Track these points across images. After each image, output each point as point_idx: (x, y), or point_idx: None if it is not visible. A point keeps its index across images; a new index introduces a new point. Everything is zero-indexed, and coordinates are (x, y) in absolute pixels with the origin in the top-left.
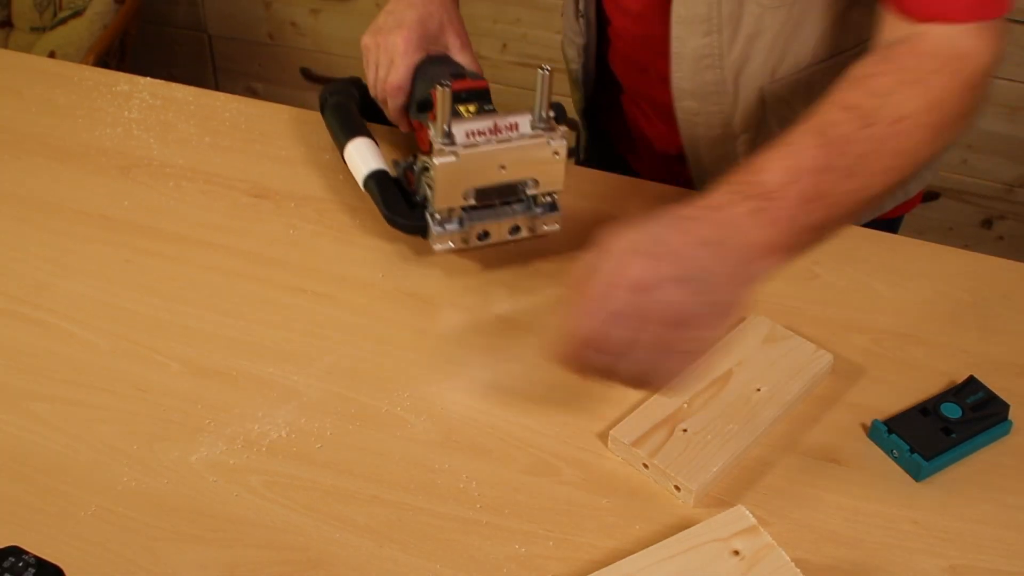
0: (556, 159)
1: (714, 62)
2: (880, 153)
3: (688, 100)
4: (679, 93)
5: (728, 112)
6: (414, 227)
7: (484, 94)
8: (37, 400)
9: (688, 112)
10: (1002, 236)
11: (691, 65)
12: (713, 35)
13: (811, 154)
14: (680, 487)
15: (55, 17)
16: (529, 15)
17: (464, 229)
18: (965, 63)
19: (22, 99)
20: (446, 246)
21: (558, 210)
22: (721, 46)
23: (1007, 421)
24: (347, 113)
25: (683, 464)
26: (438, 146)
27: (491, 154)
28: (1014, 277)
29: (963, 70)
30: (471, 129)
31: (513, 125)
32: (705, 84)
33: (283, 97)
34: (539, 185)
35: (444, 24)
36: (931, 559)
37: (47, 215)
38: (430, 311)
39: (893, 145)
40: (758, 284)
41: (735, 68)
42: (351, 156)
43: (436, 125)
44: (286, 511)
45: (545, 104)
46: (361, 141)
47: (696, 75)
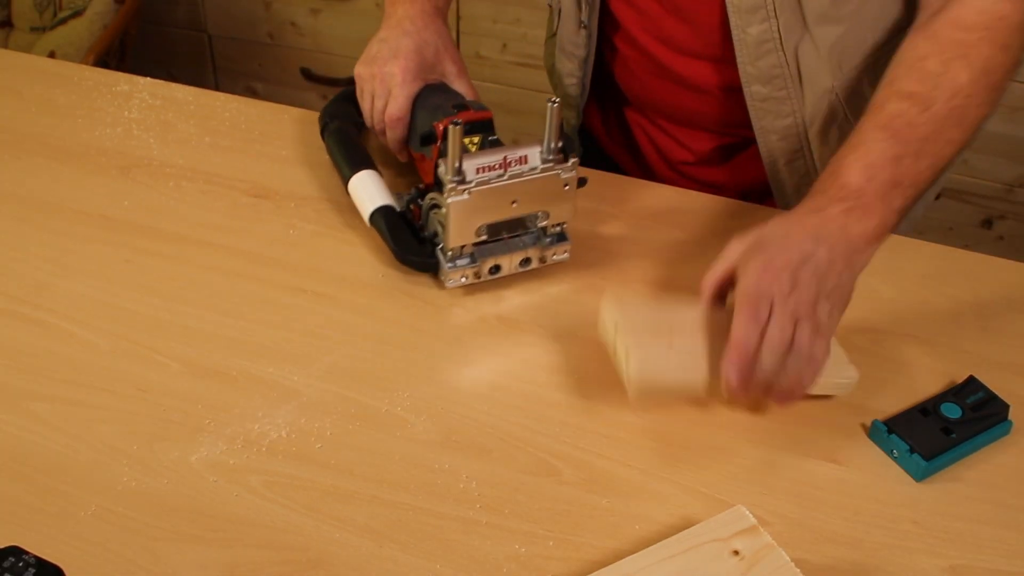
0: (567, 191)
1: (775, 46)
2: (942, 130)
3: (755, 85)
4: (746, 77)
5: (796, 98)
6: (425, 264)
7: (488, 125)
8: (37, 400)
9: (757, 98)
10: (1002, 236)
11: (753, 50)
12: (771, 20)
13: (881, 148)
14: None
15: (55, 17)
16: (529, 15)
17: (476, 264)
18: (1000, 26)
19: (22, 99)
20: (459, 283)
21: (568, 240)
22: (780, 30)
23: (1007, 421)
24: (349, 142)
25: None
26: (450, 185)
27: (503, 190)
28: (1014, 277)
29: (999, 34)
30: (481, 165)
31: (523, 158)
32: (769, 68)
33: (283, 97)
34: (550, 217)
35: (440, 51)
36: (931, 559)
37: (47, 215)
38: (430, 311)
39: (953, 120)
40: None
41: (794, 52)
42: (355, 190)
43: (447, 163)
44: (286, 511)
45: (554, 135)
46: (366, 174)
47: (759, 59)
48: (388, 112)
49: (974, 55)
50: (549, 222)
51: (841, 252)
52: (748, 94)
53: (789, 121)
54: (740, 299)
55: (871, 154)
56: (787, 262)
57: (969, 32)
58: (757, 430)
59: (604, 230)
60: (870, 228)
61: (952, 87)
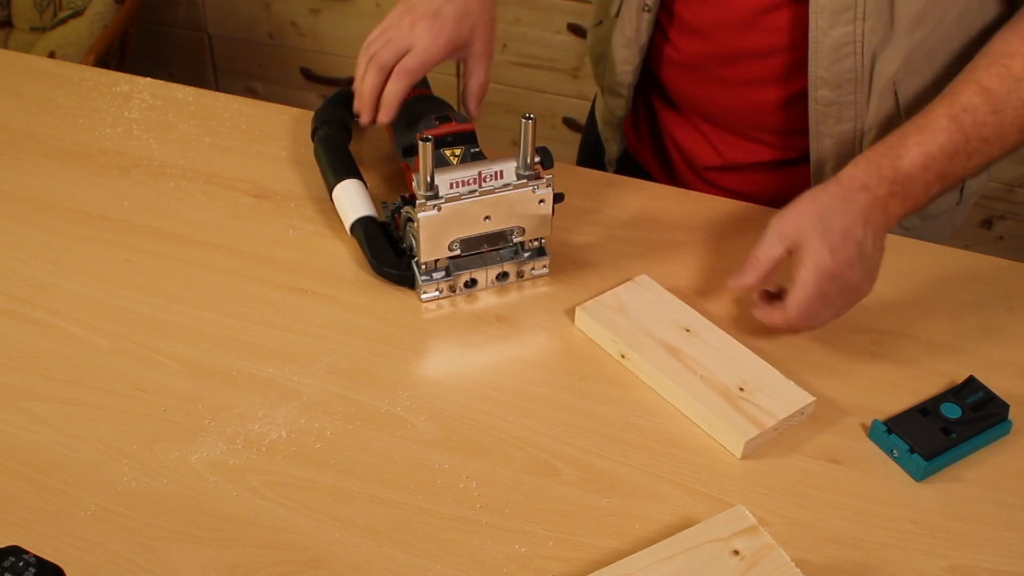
0: (542, 207)
1: (854, 49)
2: (1004, 135)
3: (824, 89)
4: (815, 81)
5: (862, 103)
6: (401, 276)
7: (470, 137)
8: (37, 400)
9: (822, 102)
10: (1002, 236)
11: (829, 55)
12: (857, 23)
13: (943, 140)
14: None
15: (55, 17)
16: (529, 15)
17: (451, 278)
18: None
19: (22, 99)
20: (433, 295)
21: (546, 255)
22: (864, 33)
23: (1007, 421)
24: (336, 149)
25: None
26: (421, 200)
27: (475, 205)
28: (1014, 277)
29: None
30: (455, 179)
31: (498, 173)
32: (843, 72)
33: (283, 97)
34: (526, 232)
35: (476, 29)
36: (931, 559)
37: (47, 215)
38: (430, 311)
39: (1016, 127)
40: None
41: (872, 57)
42: (339, 198)
43: (419, 177)
44: (286, 511)
45: (530, 151)
46: (350, 183)
47: (834, 64)
48: (406, 61)
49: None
50: (525, 237)
51: (880, 234)
52: (813, 98)
53: (848, 127)
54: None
55: (933, 143)
56: (847, 257)
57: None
58: None
59: (606, 231)
60: (904, 212)
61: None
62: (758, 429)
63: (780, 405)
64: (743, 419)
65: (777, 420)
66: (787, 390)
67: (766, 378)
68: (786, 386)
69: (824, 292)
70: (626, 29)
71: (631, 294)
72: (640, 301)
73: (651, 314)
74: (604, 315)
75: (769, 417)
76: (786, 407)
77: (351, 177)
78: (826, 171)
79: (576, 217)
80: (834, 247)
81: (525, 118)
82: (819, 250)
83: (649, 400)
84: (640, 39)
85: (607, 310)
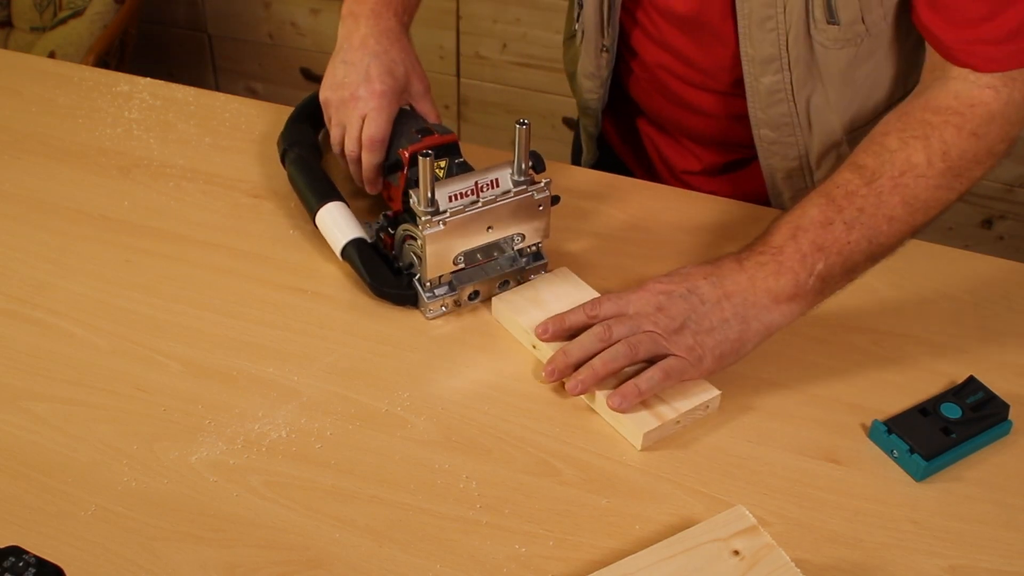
0: (541, 211)
1: (786, 96)
2: (882, 205)
3: (764, 129)
4: (756, 122)
5: (804, 144)
6: (403, 296)
7: (454, 148)
8: (37, 400)
9: (765, 140)
10: (1002, 236)
11: (764, 99)
12: (784, 72)
13: (813, 212)
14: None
15: (55, 17)
16: (529, 15)
17: (455, 292)
18: (971, 113)
19: (22, 99)
20: (439, 312)
21: (544, 258)
22: (791, 82)
23: (1007, 421)
24: (312, 171)
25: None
26: (424, 217)
27: (478, 216)
28: (1014, 277)
29: (969, 121)
30: (453, 192)
31: (494, 182)
32: (779, 116)
33: (283, 97)
34: (526, 238)
35: (408, 71)
36: (931, 559)
37: (47, 215)
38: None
39: (897, 197)
40: (771, 333)
41: (806, 102)
42: (324, 223)
43: (419, 194)
44: (286, 511)
45: (524, 156)
46: (333, 206)
47: (770, 107)
48: (367, 133)
49: (935, 137)
50: (525, 243)
51: (738, 302)
52: (757, 135)
53: (795, 164)
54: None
55: (803, 217)
56: (667, 289)
57: (937, 114)
58: (757, 430)
59: (604, 229)
60: (780, 286)
61: (903, 165)
62: (658, 421)
63: (683, 398)
64: (645, 411)
65: (679, 413)
66: (693, 383)
67: None
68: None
69: (640, 296)
70: (587, 64)
71: (548, 285)
72: (555, 292)
73: (565, 306)
74: (519, 305)
75: (671, 410)
76: (689, 400)
77: (333, 199)
78: (780, 190)
79: (576, 218)
80: (667, 277)
81: (519, 124)
82: (637, 287)
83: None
84: (601, 74)
85: (522, 300)
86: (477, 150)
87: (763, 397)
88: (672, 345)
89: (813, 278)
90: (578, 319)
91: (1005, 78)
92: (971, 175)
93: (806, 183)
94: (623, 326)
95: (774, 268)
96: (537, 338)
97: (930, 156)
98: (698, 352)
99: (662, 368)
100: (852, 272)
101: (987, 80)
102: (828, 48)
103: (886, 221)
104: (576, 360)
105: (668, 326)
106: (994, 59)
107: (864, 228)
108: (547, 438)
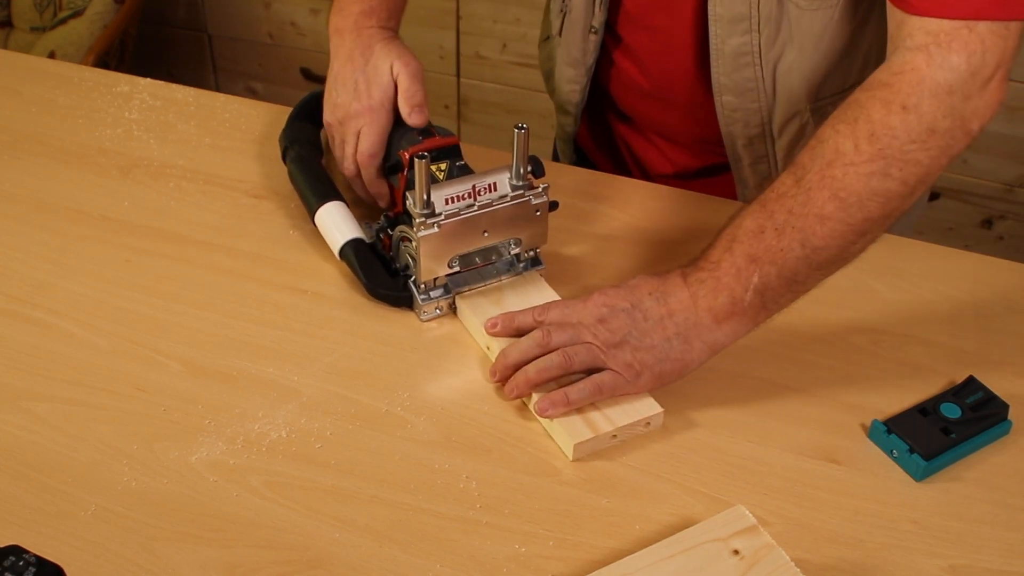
0: (539, 216)
1: (752, 59)
2: (811, 203)
3: (728, 95)
4: (718, 88)
5: (766, 110)
6: (398, 297)
7: (454, 150)
8: (37, 400)
9: (728, 107)
10: (1002, 236)
11: (730, 62)
12: (752, 33)
13: (747, 222)
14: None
15: (55, 17)
16: (529, 15)
17: (450, 296)
18: (900, 84)
19: (22, 99)
20: (433, 315)
21: (542, 264)
22: (759, 44)
23: (1007, 421)
24: (312, 170)
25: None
26: (419, 219)
27: (473, 220)
28: (1014, 277)
29: (897, 93)
30: (450, 195)
31: (492, 186)
32: (744, 80)
33: (283, 97)
34: (523, 243)
35: (394, 68)
36: (931, 559)
37: (47, 215)
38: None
39: (826, 192)
40: (716, 351)
41: (772, 66)
42: (323, 222)
43: (415, 196)
44: (286, 511)
45: (522, 161)
46: (333, 206)
47: (735, 72)
48: (361, 149)
49: (862, 118)
50: (521, 249)
51: (680, 320)
52: (719, 103)
53: (757, 131)
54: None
55: (739, 228)
56: (611, 302)
57: (865, 91)
58: (757, 430)
59: (604, 230)
60: (718, 304)
61: (831, 155)
62: (591, 433)
63: (623, 412)
64: (580, 422)
65: (615, 427)
66: (637, 398)
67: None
68: (639, 394)
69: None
70: (572, 50)
71: (513, 288)
72: (519, 295)
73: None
74: (481, 307)
75: (607, 423)
76: (628, 415)
77: (332, 199)
78: (743, 167)
79: (575, 219)
80: (615, 289)
81: (517, 128)
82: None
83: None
84: (587, 60)
85: (485, 302)
86: (477, 150)
87: (763, 397)
88: (609, 359)
89: (750, 292)
90: (526, 321)
91: (946, 37)
92: (912, 158)
93: (767, 151)
94: (564, 334)
95: (712, 285)
96: (486, 331)
97: (857, 140)
98: (636, 369)
99: (594, 381)
100: (794, 282)
101: (920, 40)
102: (803, 10)
103: (817, 220)
104: (514, 362)
105: (608, 339)
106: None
107: (795, 231)
108: (547, 438)
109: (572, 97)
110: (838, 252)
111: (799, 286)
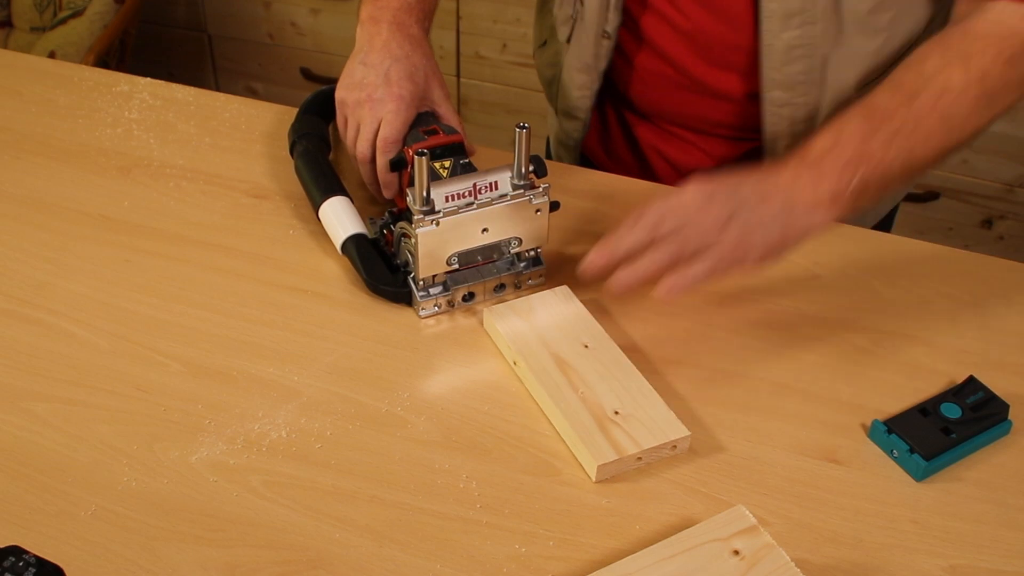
0: (539, 216)
1: (805, 52)
2: (920, 124)
3: (777, 91)
4: (768, 83)
5: (814, 104)
6: (397, 293)
7: (459, 148)
8: (37, 400)
9: (775, 103)
10: (1002, 236)
11: (781, 57)
12: (807, 27)
13: (853, 125)
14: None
15: (55, 17)
16: (529, 15)
17: (449, 293)
18: (1010, 41)
19: (22, 99)
20: (432, 311)
21: (542, 264)
22: (814, 37)
23: (1007, 421)
24: (318, 165)
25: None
26: (418, 215)
27: (473, 218)
28: (1014, 277)
29: (1006, 48)
30: (450, 192)
31: (493, 184)
32: (795, 74)
33: (283, 97)
34: (523, 243)
35: (429, 77)
36: (931, 559)
37: (47, 215)
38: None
39: (935, 117)
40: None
41: (823, 59)
42: (326, 216)
43: (415, 192)
44: (286, 511)
45: (524, 160)
46: (336, 201)
47: (785, 66)
48: (383, 135)
49: (975, 62)
50: (522, 248)
51: (783, 199)
52: (767, 99)
53: (802, 128)
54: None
55: (843, 130)
56: (710, 186)
57: (976, 40)
58: (757, 430)
59: (603, 228)
60: (819, 191)
61: (942, 86)
62: (616, 455)
63: (649, 434)
64: (605, 442)
65: (641, 449)
66: (664, 421)
67: (647, 406)
68: (665, 416)
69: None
70: (583, 55)
71: (543, 303)
72: (549, 312)
73: (555, 325)
74: (509, 320)
75: (633, 445)
76: (655, 437)
77: (337, 194)
78: (778, 153)
79: (580, 220)
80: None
81: (519, 128)
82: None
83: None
84: (599, 65)
85: (514, 315)
86: (477, 150)
87: (763, 397)
88: (721, 239)
89: (850, 188)
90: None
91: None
92: (1004, 101)
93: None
94: (674, 219)
95: (815, 174)
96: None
97: (968, 79)
98: (744, 247)
99: (711, 260)
100: (887, 187)
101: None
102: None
103: (924, 140)
104: (626, 250)
105: (717, 219)
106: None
107: (901, 149)
108: (547, 438)
109: (583, 103)
110: (934, 162)
111: (887, 190)
